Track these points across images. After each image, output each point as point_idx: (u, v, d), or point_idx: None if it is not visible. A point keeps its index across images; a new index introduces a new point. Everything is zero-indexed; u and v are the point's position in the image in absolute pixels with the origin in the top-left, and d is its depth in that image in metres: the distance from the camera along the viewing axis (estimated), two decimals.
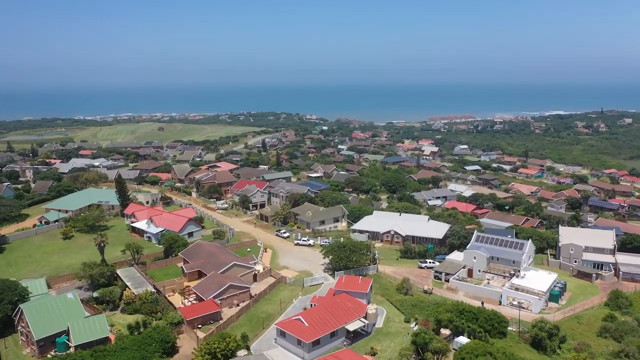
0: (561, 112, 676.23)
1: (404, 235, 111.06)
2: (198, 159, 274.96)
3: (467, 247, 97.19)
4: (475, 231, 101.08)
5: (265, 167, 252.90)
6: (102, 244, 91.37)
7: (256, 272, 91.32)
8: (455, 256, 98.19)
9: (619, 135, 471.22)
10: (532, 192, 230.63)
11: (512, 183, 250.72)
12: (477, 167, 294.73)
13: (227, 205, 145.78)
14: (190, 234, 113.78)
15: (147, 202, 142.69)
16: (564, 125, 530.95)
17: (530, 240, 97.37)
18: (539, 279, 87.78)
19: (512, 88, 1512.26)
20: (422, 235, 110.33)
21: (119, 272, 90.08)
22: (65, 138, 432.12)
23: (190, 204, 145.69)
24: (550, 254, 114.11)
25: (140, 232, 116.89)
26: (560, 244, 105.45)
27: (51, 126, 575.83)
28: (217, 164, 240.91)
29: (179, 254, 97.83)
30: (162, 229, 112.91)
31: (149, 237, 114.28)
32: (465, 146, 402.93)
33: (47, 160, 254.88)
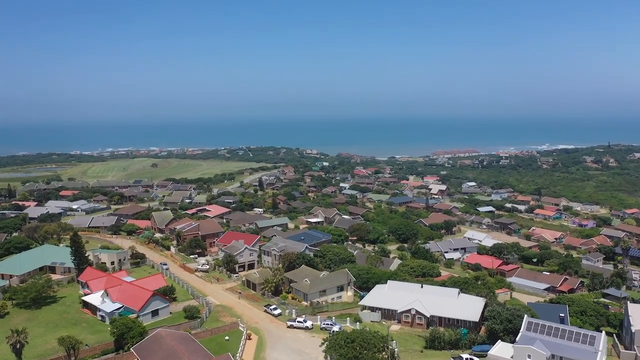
0: (567, 146, 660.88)
1: (428, 315, 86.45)
2: (188, 201, 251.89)
3: (517, 338, 72.78)
4: (526, 317, 76.69)
5: (260, 210, 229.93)
6: (18, 345, 66.55)
7: None
8: (501, 350, 73.44)
9: (631, 171, 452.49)
10: (556, 239, 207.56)
11: (533, 228, 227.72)
12: (490, 207, 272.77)
13: (208, 267, 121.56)
14: (155, 313, 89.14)
15: (112, 263, 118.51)
16: (571, 160, 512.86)
17: (604, 333, 72.84)
18: None
19: (513, 122, 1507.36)
20: (452, 317, 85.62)
21: None
22: (53, 176, 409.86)
23: (165, 264, 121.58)
24: (615, 333, 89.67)
25: (93, 308, 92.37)
26: (633, 329, 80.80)
27: (45, 162, 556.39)
28: (207, 207, 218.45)
29: (131, 348, 73.23)
30: (119, 306, 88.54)
31: (102, 316, 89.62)
32: (473, 183, 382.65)
33: (21, 203, 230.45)
